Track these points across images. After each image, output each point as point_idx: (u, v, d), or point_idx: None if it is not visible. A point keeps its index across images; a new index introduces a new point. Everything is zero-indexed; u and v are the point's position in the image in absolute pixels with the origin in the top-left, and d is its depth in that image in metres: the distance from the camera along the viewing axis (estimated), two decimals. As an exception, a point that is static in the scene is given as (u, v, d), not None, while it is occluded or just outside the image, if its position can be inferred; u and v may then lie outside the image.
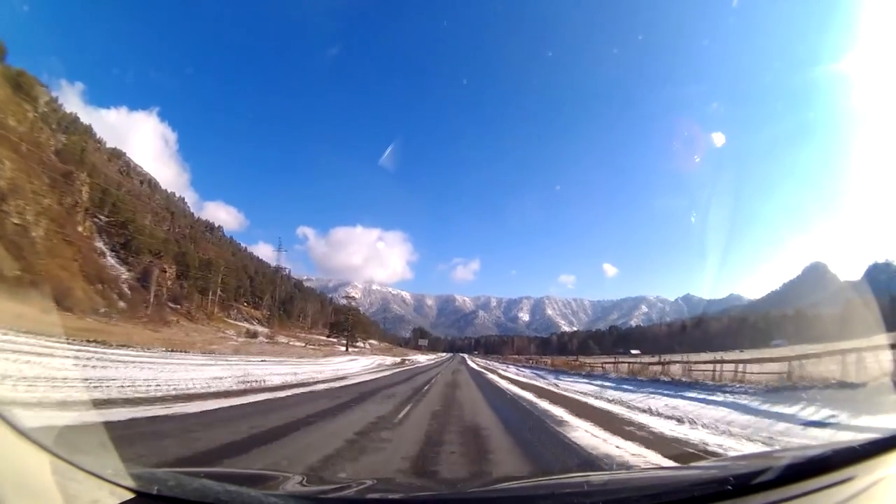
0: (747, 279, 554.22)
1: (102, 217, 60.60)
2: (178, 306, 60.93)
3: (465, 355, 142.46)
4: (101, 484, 1.44)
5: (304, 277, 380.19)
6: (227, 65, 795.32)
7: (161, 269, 59.00)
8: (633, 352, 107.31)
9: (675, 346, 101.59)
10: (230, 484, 1.62)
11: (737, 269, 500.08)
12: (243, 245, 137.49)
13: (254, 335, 56.73)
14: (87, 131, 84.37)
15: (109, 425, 6.08)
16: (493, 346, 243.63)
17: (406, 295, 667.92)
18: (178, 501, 1.45)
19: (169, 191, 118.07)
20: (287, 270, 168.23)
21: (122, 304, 43.90)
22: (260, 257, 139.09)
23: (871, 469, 1.70)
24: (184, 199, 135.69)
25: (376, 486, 2.12)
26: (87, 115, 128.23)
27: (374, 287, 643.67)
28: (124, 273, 53.94)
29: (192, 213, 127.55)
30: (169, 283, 62.10)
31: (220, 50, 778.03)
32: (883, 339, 13.09)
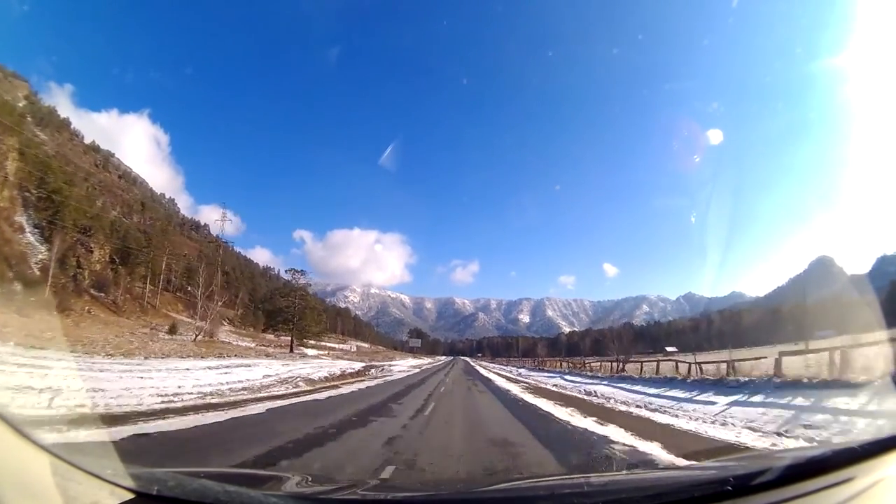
0: (748, 276, 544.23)
1: (34, 191, 49.35)
2: (102, 294, 49.29)
3: (468, 359, 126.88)
4: (101, 484, 1.44)
5: (302, 282, 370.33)
6: (221, 66, 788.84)
7: (87, 249, 47.51)
8: (669, 349, 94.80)
9: (704, 343, 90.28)
10: (230, 484, 1.63)
11: (738, 266, 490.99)
12: (230, 244, 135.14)
13: (173, 329, 43.94)
14: (65, 124, 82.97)
15: None
16: (498, 348, 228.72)
17: (405, 298, 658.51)
18: (178, 502, 1.45)
19: (158, 192, 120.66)
20: (276, 270, 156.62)
21: (18, 285, 32.22)
22: (253, 260, 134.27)
23: (871, 469, 1.69)
24: (174, 200, 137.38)
25: (376, 487, 2.16)
26: (78, 118, 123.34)
27: (373, 291, 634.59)
28: (42, 252, 42.28)
29: (178, 213, 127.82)
30: (98, 266, 50.73)
31: (213, 51, 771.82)
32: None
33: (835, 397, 9.40)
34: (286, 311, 60.79)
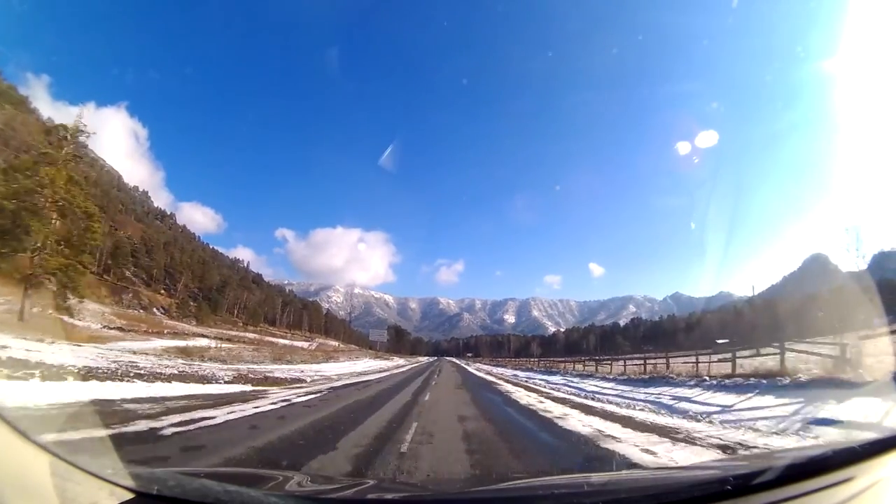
0: (736, 276, 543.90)
1: None
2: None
3: (458, 360, 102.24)
4: (101, 484, 1.44)
5: (286, 282, 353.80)
6: (207, 63, 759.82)
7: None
8: (720, 341, 79.22)
9: (735, 338, 77.06)
10: (230, 484, 1.62)
11: (727, 266, 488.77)
12: (197, 235, 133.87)
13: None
14: (22, 101, 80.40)
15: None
16: (487, 348, 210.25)
17: (389, 298, 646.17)
18: (178, 501, 1.44)
19: (132, 184, 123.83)
20: (245, 262, 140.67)
21: None
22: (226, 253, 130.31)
23: (871, 469, 1.70)
24: (147, 192, 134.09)
25: (376, 487, 2.12)
26: (55, 111, 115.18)
27: (357, 291, 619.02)
28: None
29: (147, 204, 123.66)
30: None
31: (201, 47, 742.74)
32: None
33: None
34: None
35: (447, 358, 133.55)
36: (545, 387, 21.00)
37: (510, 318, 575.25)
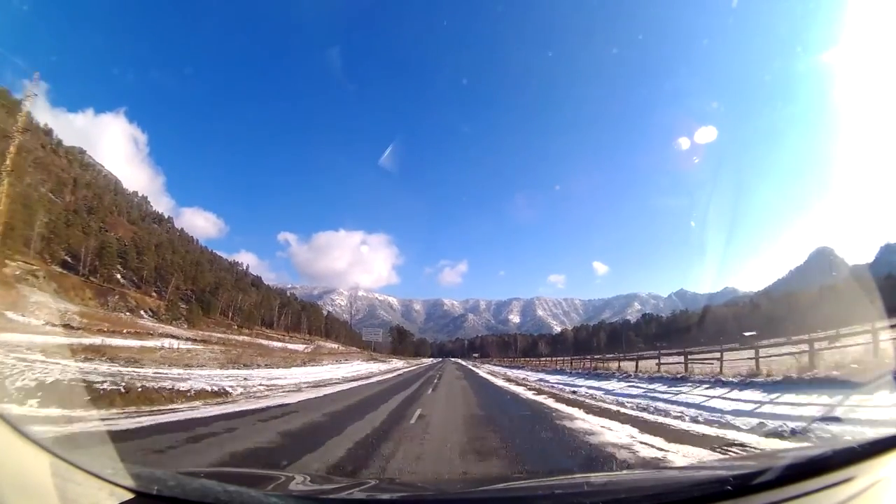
0: (740, 272, 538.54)
1: None
2: None
3: (466, 362, 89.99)
4: (101, 484, 1.44)
5: (289, 286, 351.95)
6: (206, 67, 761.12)
7: None
8: (747, 334, 73.59)
9: (756, 331, 73.06)
10: (230, 484, 1.63)
11: (731, 262, 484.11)
12: (196, 238, 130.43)
13: None
14: (16, 105, 76.11)
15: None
16: (493, 348, 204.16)
17: (393, 300, 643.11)
18: (178, 501, 1.44)
19: (131, 190, 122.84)
20: (244, 265, 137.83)
21: None
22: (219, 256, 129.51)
23: (871, 469, 1.69)
24: (146, 197, 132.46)
25: (377, 487, 2.14)
26: (54, 118, 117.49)
27: (361, 293, 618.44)
28: None
29: (145, 208, 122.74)
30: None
31: (199, 50, 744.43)
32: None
33: None
34: None
35: (452, 359, 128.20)
36: (693, 420, 8.66)
37: (515, 318, 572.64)
